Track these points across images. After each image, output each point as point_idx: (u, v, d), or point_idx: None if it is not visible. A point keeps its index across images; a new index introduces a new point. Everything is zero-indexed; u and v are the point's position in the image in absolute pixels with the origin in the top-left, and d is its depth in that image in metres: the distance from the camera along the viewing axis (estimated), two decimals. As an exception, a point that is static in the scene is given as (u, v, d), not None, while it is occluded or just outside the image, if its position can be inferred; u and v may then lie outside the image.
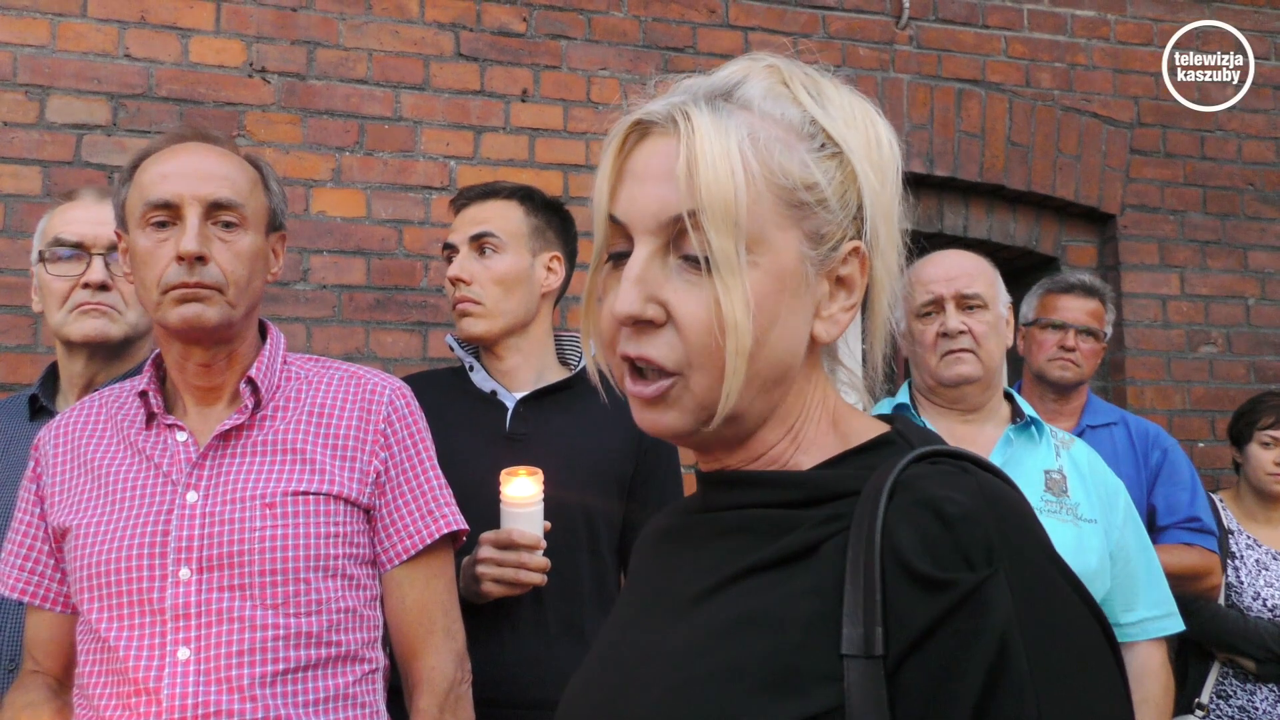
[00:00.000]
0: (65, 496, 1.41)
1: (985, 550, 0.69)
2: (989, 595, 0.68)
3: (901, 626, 0.69)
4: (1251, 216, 3.61)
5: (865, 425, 0.83)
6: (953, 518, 0.70)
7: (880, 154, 0.79)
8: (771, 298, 0.75)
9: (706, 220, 0.73)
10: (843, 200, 0.77)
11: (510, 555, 1.68)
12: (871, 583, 0.69)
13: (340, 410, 1.42)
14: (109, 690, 1.30)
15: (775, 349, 0.76)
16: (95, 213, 1.83)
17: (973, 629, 0.67)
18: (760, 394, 0.77)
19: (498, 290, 1.88)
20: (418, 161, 2.91)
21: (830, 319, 0.79)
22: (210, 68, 2.77)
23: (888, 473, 0.73)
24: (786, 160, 0.75)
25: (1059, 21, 3.50)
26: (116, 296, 1.80)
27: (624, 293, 0.75)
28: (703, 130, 0.74)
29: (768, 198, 0.75)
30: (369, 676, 1.39)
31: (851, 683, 0.68)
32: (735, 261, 0.73)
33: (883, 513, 0.71)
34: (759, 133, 0.75)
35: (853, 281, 0.79)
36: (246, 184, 1.40)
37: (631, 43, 3.10)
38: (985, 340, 1.91)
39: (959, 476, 0.73)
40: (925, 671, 0.68)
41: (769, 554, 0.76)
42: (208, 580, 1.30)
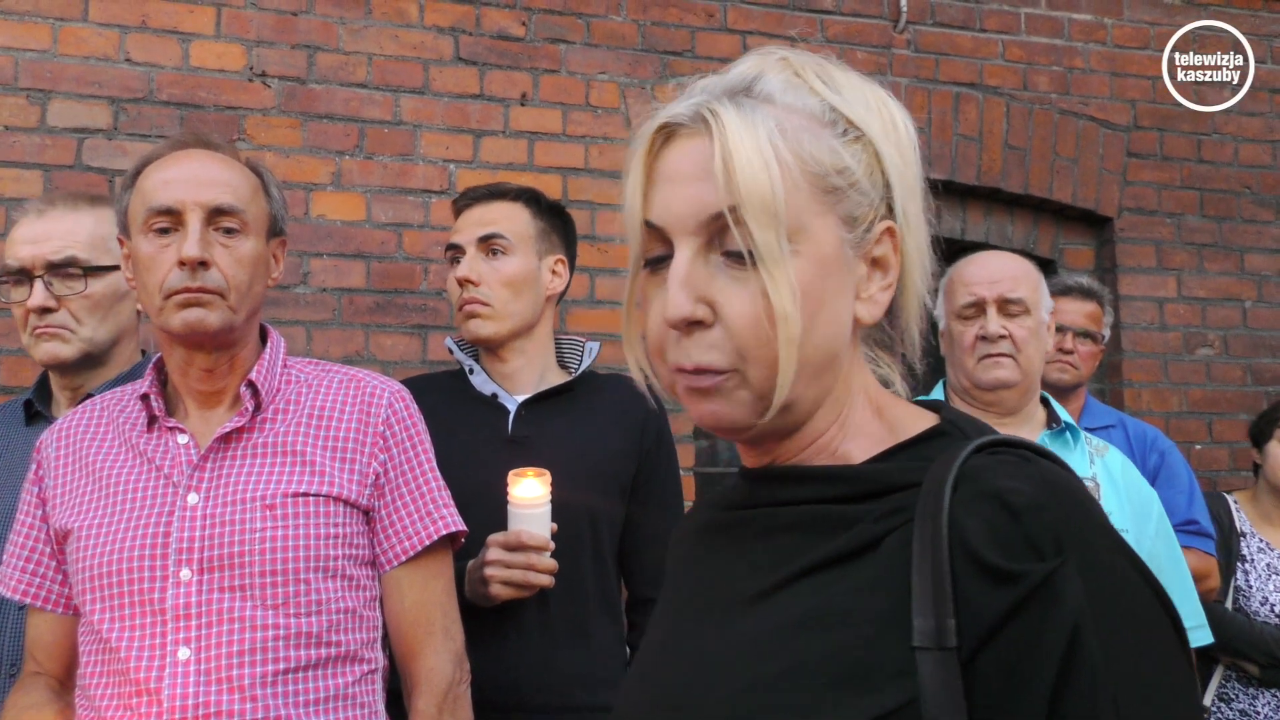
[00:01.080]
0: (67, 499, 1.42)
1: (1054, 540, 0.69)
2: (1059, 585, 0.68)
3: (973, 619, 0.69)
4: (1248, 219, 3.62)
5: (913, 415, 0.83)
6: (1020, 508, 0.70)
7: (898, 134, 0.81)
8: (816, 284, 0.76)
9: (748, 214, 0.74)
10: (871, 182, 0.78)
11: (519, 557, 1.68)
12: (941, 575, 0.69)
13: (340, 413, 1.44)
14: (110, 691, 1.31)
15: (823, 334, 0.77)
16: (35, 230, 1.79)
17: (1044, 619, 0.68)
18: (812, 381, 0.78)
19: (506, 292, 1.88)
20: (417, 165, 2.92)
21: (870, 299, 0.80)
22: (211, 72, 2.78)
23: (949, 464, 0.73)
24: (815, 148, 0.76)
25: (1056, 25, 3.52)
26: (64, 315, 1.76)
27: (673, 295, 0.76)
28: (732, 126, 0.75)
29: (803, 186, 0.76)
30: (368, 677, 1.40)
31: (925, 675, 0.68)
32: (779, 252, 0.74)
33: (948, 505, 0.71)
34: (785, 124, 0.76)
35: (888, 261, 0.80)
36: (248, 190, 1.41)
37: (630, 46, 3.11)
38: (1025, 346, 1.89)
39: (1022, 466, 0.73)
40: (999, 663, 0.68)
41: (830, 550, 0.76)
42: (208, 581, 1.31)
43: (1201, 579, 2.52)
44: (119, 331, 1.84)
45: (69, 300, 1.77)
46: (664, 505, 1.95)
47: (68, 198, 1.87)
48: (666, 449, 1.98)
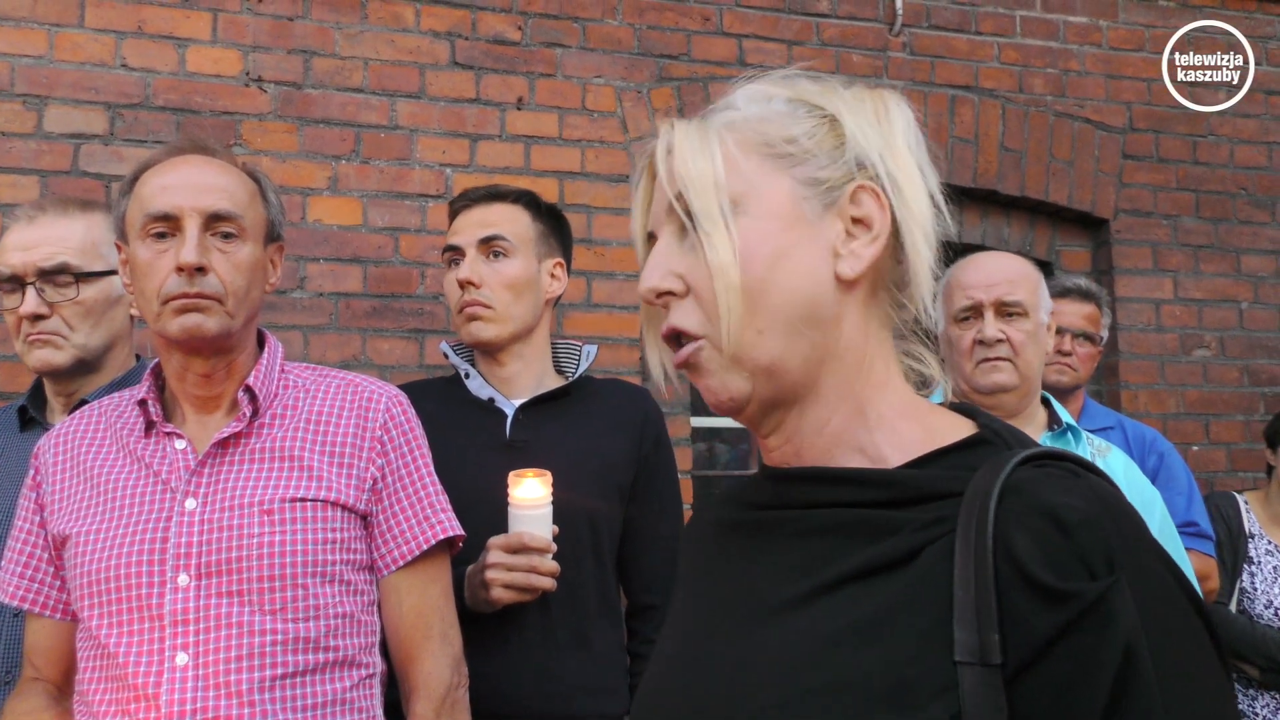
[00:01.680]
0: (65, 504, 1.42)
1: (1106, 558, 0.69)
2: (1112, 604, 0.68)
3: (1021, 636, 0.68)
4: (1244, 221, 3.63)
5: (950, 421, 0.83)
6: (1072, 525, 0.69)
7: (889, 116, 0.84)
8: (771, 235, 0.80)
9: (686, 189, 0.81)
10: (834, 150, 0.82)
11: (521, 559, 1.66)
12: (985, 588, 0.69)
13: (337, 418, 1.43)
14: (108, 696, 1.30)
15: (789, 283, 0.80)
16: (26, 236, 1.78)
17: (1098, 640, 0.67)
18: (793, 338, 0.80)
19: (508, 295, 1.86)
20: (414, 169, 2.92)
21: (851, 255, 0.82)
22: (207, 77, 2.78)
23: (994, 475, 0.73)
24: (764, 127, 0.83)
25: (1051, 28, 3.52)
26: (57, 322, 1.75)
27: (645, 272, 0.84)
28: (681, 128, 0.84)
29: (751, 158, 0.82)
30: (366, 682, 1.40)
31: (966, 690, 0.68)
32: (716, 214, 0.80)
33: (993, 517, 0.70)
34: (736, 118, 0.84)
35: (871, 219, 0.82)
36: (245, 195, 1.41)
37: (626, 50, 3.11)
38: (1023, 349, 1.86)
39: (1071, 481, 0.73)
40: (1049, 682, 0.68)
41: (869, 558, 0.75)
42: (206, 586, 1.31)
43: (1202, 580, 2.52)
44: (112, 337, 1.83)
45: (61, 307, 1.76)
46: (663, 510, 1.93)
47: (59, 203, 1.86)
48: (665, 453, 1.97)
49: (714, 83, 3.17)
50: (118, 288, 1.82)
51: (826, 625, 0.74)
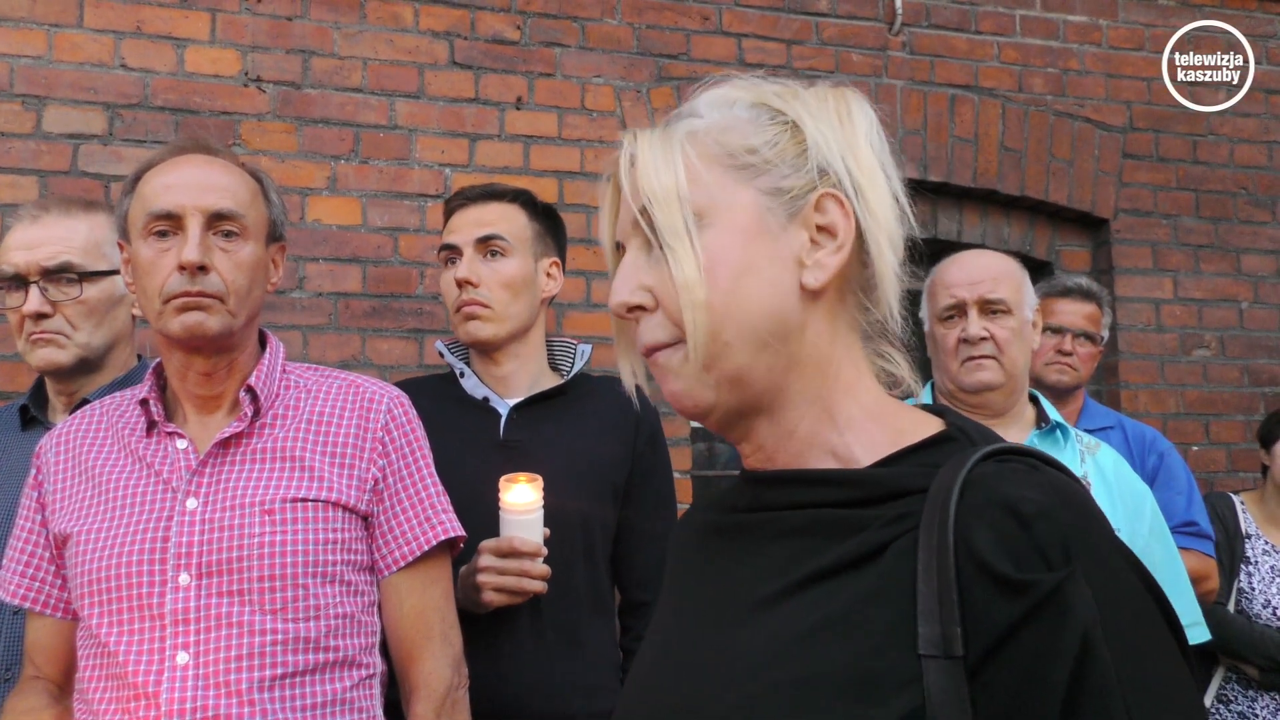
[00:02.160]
0: (66, 503, 1.42)
1: (1062, 548, 0.70)
2: (1069, 594, 0.69)
3: (981, 627, 0.70)
4: (1244, 220, 3.63)
5: (918, 419, 0.84)
6: (1029, 517, 0.71)
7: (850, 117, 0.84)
8: (736, 248, 0.80)
9: (651, 203, 0.81)
10: (797, 159, 0.82)
11: (512, 563, 1.67)
12: (947, 582, 0.70)
13: (339, 418, 1.44)
14: (108, 695, 1.30)
15: (755, 298, 0.80)
16: (29, 235, 1.79)
17: (1056, 628, 0.68)
18: (757, 349, 0.81)
19: (505, 294, 1.87)
20: (413, 169, 2.92)
21: (816, 264, 0.82)
22: (206, 77, 2.78)
23: (956, 471, 0.74)
24: (726, 137, 0.82)
25: (1051, 27, 3.52)
26: (60, 321, 1.76)
27: (614, 286, 0.84)
28: (644, 139, 0.83)
29: (714, 170, 0.81)
30: (366, 682, 1.40)
31: (931, 683, 0.69)
32: (680, 229, 0.80)
33: (954, 511, 0.72)
34: (698, 127, 0.84)
35: (835, 227, 0.82)
36: (247, 195, 1.42)
37: (625, 50, 3.11)
38: (1008, 347, 1.86)
39: (1030, 474, 0.74)
40: (1009, 672, 0.69)
41: (837, 557, 0.77)
42: (207, 586, 1.31)
43: (1201, 580, 2.52)
44: (114, 336, 1.83)
45: (64, 306, 1.77)
46: (657, 508, 1.93)
47: (62, 203, 1.86)
48: (660, 451, 1.97)
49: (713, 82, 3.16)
50: (120, 287, 1.82)
51: (796, 622, 0.76)
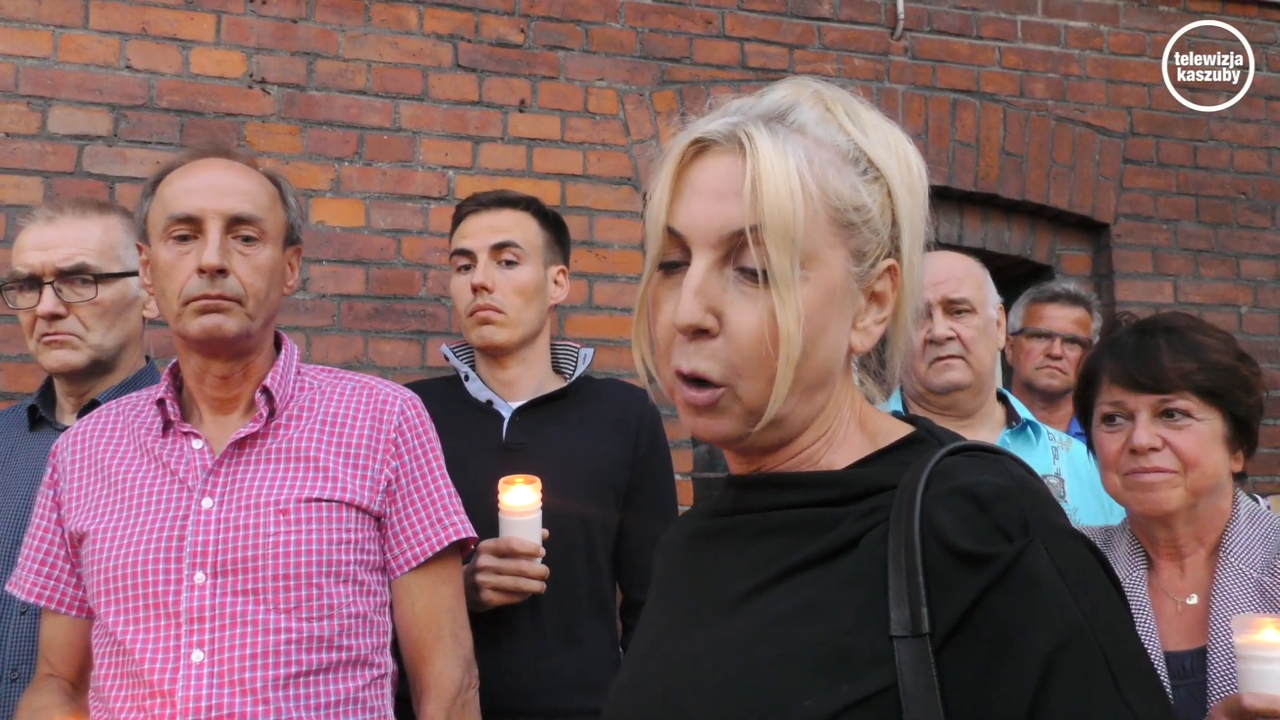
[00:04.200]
0: (82, 502, 1.43)
1: (1020, 523, 0.74)
2: (1030, 561, 0.73)
3: (947, 604, 0.74)
4: (1244, 225, 3.64)
5: (892, 426, 0.88)
6: (987, 498, 0.75)
7: (912, 178, 0.85)
8: (820, 311, 0.80)
9: (768, 236, 0.77)
10: (883, 221, 0.82)
11: (509, 563, 1.69)
12: (914, 566, 0.75)
13: (353, 419, 1.45)
14: (124, 693, 1.31)
15: (821, 357, 0.82)
16: (44, 236, 1.79)
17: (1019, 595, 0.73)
18: (803, 400, 0.83)
19: (519, 300, 1.89)
20: (416, 171, 2.93)
21: (865, 330, 0.84)
22: (210, 79, 2.79)
23: (923, 466, 0.79)
24: (839, 183, 0.80)
25: (1052, 32, 3.54)
26: (74, 322, 1.77)
27: (685, 302, 0.79)
28: (765, 150, 0.79)
29: (822, 217, 0.80)
30: (378, 681, 1.41)
31: (902, 662, 0.73)
32: (790, 276, 0.78)
33: (920, 500, 0.76)
34: (814, 156, 0.80)
35: (885, 296, 0.84)
36: (266, 199, 1.44)
37: (629, 53, 3.12)
38: (974, 345, 1.89)
39: (989, 464, 0.80)
40: (977, 641, 0.73)
41: (813, 551, 0.80)
42: (222, 585, 1.32)
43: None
44: (126, 338, 1.84)
45: (78, 307, 1.77)
46: (658, 510, 1.96)
47: (76, 204, 1.87)
48: (661, 454, 1.99)
49: (716, 86, 3.18)
50: (133, 290, 1.83)
51: (773, 610, 0.80)
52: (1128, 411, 1.47)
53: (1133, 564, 1.51)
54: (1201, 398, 1.43)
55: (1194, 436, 1.43)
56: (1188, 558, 1.49)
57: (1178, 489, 1.43)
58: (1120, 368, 1.47)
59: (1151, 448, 1.43)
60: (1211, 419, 1.44)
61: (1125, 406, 1.47)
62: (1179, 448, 1.43)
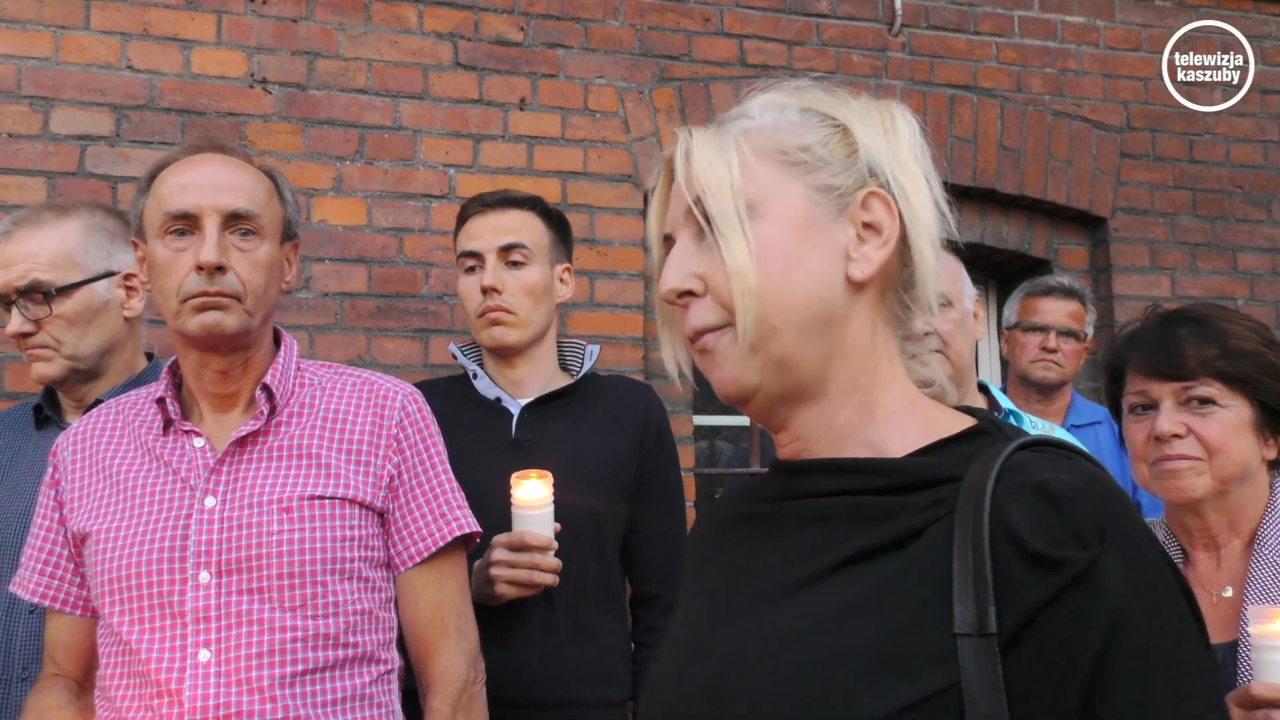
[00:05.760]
0: (84, 502, 1.43)
1: (1096, 528, 0.73)
2: (1103, 570, 0.72)
3: (1015, 604, 0.72)
4: (1240, 219, 3.66)
5: (952, 416, 0.88)
6: (1062, 498, 0.74)
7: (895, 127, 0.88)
8: (785, 239, 0.84)
9: (705, 193, 0.85)
10: (846, 159, 0.86)
11: (523, 557, 1.70)
12: (982, 563, 0.73)
13: (354, 415, 1.45)
14: (131, 692, 1.32)
15: (804, 288, 0.84)
16: (4, 254, 1.78)
17: (1089, 604, 0.71)
18: (804, 336, 0.84)
19: (528, 301, 1.91)
20: (417, 170, 2.94)
21: (862, 258, 0.85)
22: (212, 79, 2.80)
23: (993, 459, 0.77)
24: (780, 135, 0.87)
25: (1049, 28, 3.55)
26: (44, 336, 1.76)
27: (665, 273, 0.88)
28: (699, 135, 0.88)
29: (766, 165, 0.86)
30: (385, 677, 1.42)
31: (965, 661, 0.72)
32: (733, 218, 0.83)
33: (990, 496, 0.75)
34: (752, 126, 0.88)
35: (880, 224, 0.86)
36: (263, 194, 1.43)
37: (628, 51, 3.13)
38: (952, 339, 1.88)
39: (1063, 461, 0.78)
40: (1041, 646, 0.72)
41: (872, 540, 0.79)
42: (227, 584, 1.32)
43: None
44: (107, 342, 1.82)
45: (45, 322, 1.77)
46: (666, 504, 1.98)
47: (33, 215, 1.83)
48: (668, 449, 2.01)
49: (715, 83, 3.19)
50: (101, 294, 1.81)
51: (828, 602, 0.78)
52: (1152, 400, 1.47)
53: None
54: (1226, 384, 1.43)
55: (1218, 423, 1.43)
56: (1223, 548, 1.48)
57: (1203, 476, 1.43)
58: (1143, 357, 1.47)
59: (1174, 434, 1.42)
60: (1237, 405, 1.43)
61: (1149, 395, 1.47)
62: (1202, 434, 1.42)
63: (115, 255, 1.84)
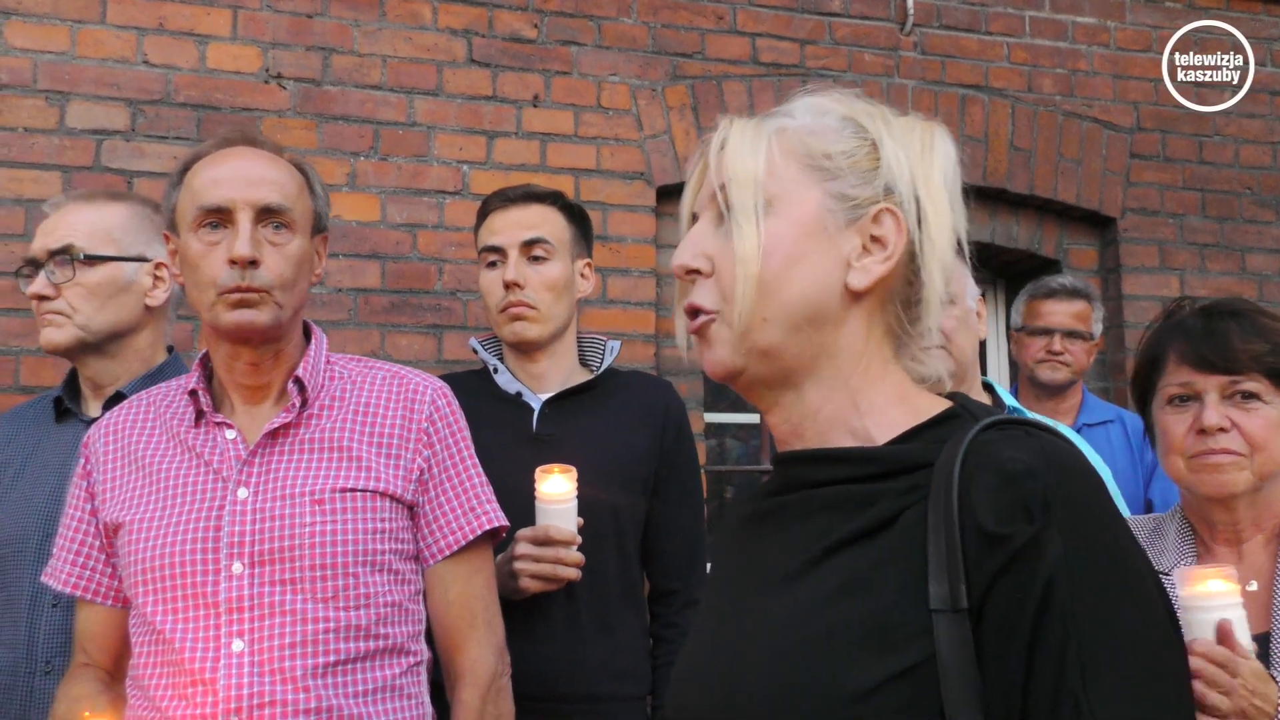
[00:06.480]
0: (117, 493, 1.44)
1: (1043, 503, 0.78)
2: (1043, 544, 0.77)
3: (976, 580, 0.78)
4: (1249, 220, 3.67)
5: (931, 401, 0.93)
6: (1016, 476, 0.79)
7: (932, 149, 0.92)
8: (792, 239, 0.89)
9: (729, 181, 0.90)
10: (868, 173, 0.90)
11: (548, 551, 1.71)
12: (953, 543, 0.79)
13: (384, 409, 1.46)
14: (165, 681, 1.33)
15: (801, 286, 0.89)
16: (49, 223, 1.84)
17: (1028, 576, 0.77)
18: (793, 332, 0.89)
19: (549, 296, 1.91)
20: (431, 166, 2.94)
21: (862, 269, 0.90)
22: (227, 74, 2.80)
23: (960, 442, 0.83)
24: (811, 140, 0.91)
25: (1060, 28, 3.56)
26: (61, 303, 1.79)
27: (680, 248, 0.93)
28: (738, 126, 0.92)
29: (792, 166, 0.90)
30: (414, 669, 1.43)
31: (941, 635, 0.78)
32: (750, 210, 0.88)
33: (957, 478, 0.80)
34: (789, 125, 0.92)
35: (887, 240, 0.90)
36: (295, 188, 1.44)
37: (641, 48, 3.14)
38: (955, 336, 1.90)
39: (1023, 439, 0.83)
40: (994, 617, 0.78)
41: (854, 528, 0.85)
42: (260, 575, 1.33)
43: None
44: (120, 323, 1.83)
45: (65, 287, 1.79)
46: (684, 500, 1.98)
47: (86, 194, 1.90)
48: (687, 445, 2.01)
49: (728, 81, 3.20)
50: (128, 275, 1.83)
51: (819, 588, 0.84)
52: (1195, 392, 1.46)
53: (1181, 551, 1.50)
54: (1272, 380, 1.43)
55: (1262, 420, 1.43)
56: (1246, 543, 1.48)
57: (1244, 471, 1.43)
58: (1190, 348, 1.46)
59: (1220, 428, 1.42)
60: (1278, 403, 1.44)
61: (1194, 387, 1.46)
62: (1247, 430, 1.43)
63: (153, 245, 1.86)
